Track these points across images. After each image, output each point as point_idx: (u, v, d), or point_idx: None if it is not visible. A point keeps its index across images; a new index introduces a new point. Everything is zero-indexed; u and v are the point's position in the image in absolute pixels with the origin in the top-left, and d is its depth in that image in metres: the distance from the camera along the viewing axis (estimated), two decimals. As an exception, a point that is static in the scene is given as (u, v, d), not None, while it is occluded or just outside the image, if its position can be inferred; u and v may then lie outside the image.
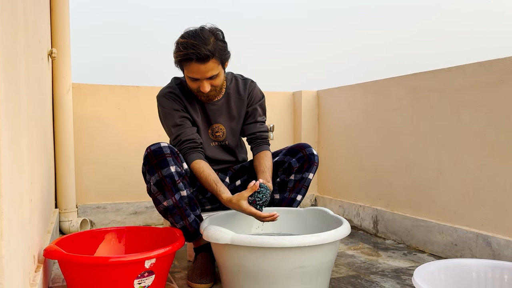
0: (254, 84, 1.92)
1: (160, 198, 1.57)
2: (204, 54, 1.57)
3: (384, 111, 2.42)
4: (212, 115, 1.83)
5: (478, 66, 1.87)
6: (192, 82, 1.68)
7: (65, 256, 1.31)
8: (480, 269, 1.33)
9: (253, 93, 1.89)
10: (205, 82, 1.65)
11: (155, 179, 1.54)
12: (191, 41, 1.59)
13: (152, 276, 1.38)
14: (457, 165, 1.96)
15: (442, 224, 2.02)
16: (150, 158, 1.55)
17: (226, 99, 1.84)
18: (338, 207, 2.81)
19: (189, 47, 1.58)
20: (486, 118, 1.83)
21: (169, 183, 1.53)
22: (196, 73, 1.63)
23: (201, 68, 1.61)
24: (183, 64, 1.64)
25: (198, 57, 1.57)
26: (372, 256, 2.02)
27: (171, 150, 1.56)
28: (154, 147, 1.56)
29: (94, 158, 2.61)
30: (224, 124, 1.85)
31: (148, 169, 1.56)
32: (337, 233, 1.39)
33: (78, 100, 2.56)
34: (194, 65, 1.60)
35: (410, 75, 2.23)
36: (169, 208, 1.57)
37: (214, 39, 1.62)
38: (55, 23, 2.34)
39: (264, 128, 1.90)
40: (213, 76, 1.65)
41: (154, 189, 1.56)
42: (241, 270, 1.38)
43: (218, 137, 1.85)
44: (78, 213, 2.57)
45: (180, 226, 1.62)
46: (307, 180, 1.81)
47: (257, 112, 1.90)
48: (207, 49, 1.58)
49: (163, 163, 1.53)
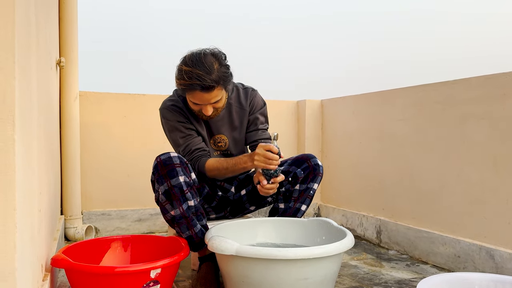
0: (255, 92, 1.94)
1: (167, 208, 1.59)
2: (209, 84, 1.59)
3: (388, 122, 2.43)
4: (214, 126, 1.86)
5: (483, 79, 1.88)
6: (195, 106, 1.72)
7: (72, 265, 1.33)
8: (483, 283, 1.34)
9: (254, 101, 1.91)
10: (208, 106, 1.69)
11: (163, 189, 1.57)
12: (196, 70, 1.59)
13: (157, 285, 1.39)
14: (461, 177, 1.97)
15: (445, 236, 2.02)
16: (159, 167, 1.57)
17: (227, 110, 1.86)
18: (341, 216, 2.82)
19: (194, 78, 1.59)
20: (490, 131, 1.84)
21: (177, 193, 1.56)
22: (200, 100, 1.66)
23: (205, 97, 1.64)
24: (187, 91, 1.66)
25: (203, 87, 1.60)
26: (375, 267, 2.03)
27: (180, 160, 1.59)
28: (164, 157, 1.58)
29: (99, 165, 2.64)
30: (226, 134, 1.89)
31: (157, 179, 1.59)
32: (341, 245, 1.41)
33: (84, 108, 2.59)
34: (199, 93, 1.63)
35: (415, 87, 2.25)
36: (176, 217, 1.60)
37: (218, 65, 1.64)
38: (63, 32, 2.37)
39: (266, 136, 1.93)
40: (216, 101, 1.69)
41: (162, 198, 1.59)
42: (246, 281, 1.39)
43: (220, 147, 1.89)
44: (83, 220, 2.59)
45: (186, 236, 1.64)
46: (312, 190, 1.83)
47: (259, 120, 1.92)
48: (211, 79, 1.60)
49: (172, 173, 1.56)
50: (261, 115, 1.93)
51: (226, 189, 1.96)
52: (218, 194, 1.92)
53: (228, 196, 1.94)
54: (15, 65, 0.76)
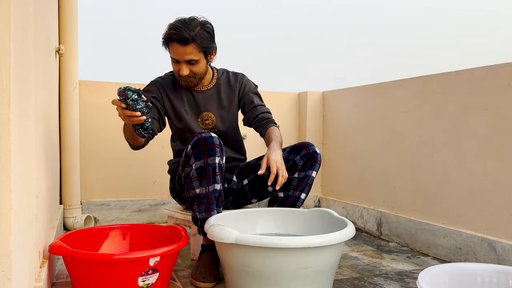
0: (244, 76, 2.01)
1: (195, 184, 1.62)
2: (185, 37, 1.70)
3: (390, 113, 2.41)
4: (202, 104, 1.91)
5: (485, 70, 1.86)
6: (174, 65, 1.80)
7: (70, 252, 1.32)
8: (485, 273, 1.33)
9: (244, 83, 1.98)
10: (184, 65, 1.77)
11: (199, 164, 1.60)
12: (177, 24, 1.73)
13: (156, 274, 1.38)
14: (463, 168, 1.95)
15: (446, 228, 2.01)
16: (200, 143, 1.60)
17: (216, 89, 1.94)
18: (342, 209, 2.80)
19: (172, 28, 1.72)
20: (493, 122, 1.82)
21: (210, 173, 1.59)
22: (176, 54, 1.75)
23: (180, 50, 1.73)
24: (167, 44, 1.76)
25: (179, 38, 1.70)
26: (375, 259, 2.02)
27: (219, 142, 1.63)
28: (205, 135, 1.62)
29: (99, 154, 2.62)
30: (213, 112, 1.93)
31: (195, 153, 1.61)
32: (341, 235, 1.39)
33: (84, 96, 2.57)
34: (175, 46, 1.73)
35: (417, 78, 2.23)
36: (200, 196, 1.62)
37: (199, 28, 1.75)
38: (63, 19, 2.35)
39: (266, 110, 1.96)
40: (191, 60, 1.76)
41: (194, 173, 1.61)
42: (245, 269, 1.38)
43: (207, 124, 1.93)
44: (83, 210, 2.58)
45: (201, 217, 1.65)
46: (310, 178, 1.83)
47: (254, 98, 1.97)
48: (188, 33, 1.71)
49: (212, 152, 1.59)
50: (254, 95, 1.98)
51: (229, 179, 1.95)
52: (224, 185, 1.91)
53: (231, 186, 1.94)
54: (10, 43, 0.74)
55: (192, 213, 1.71)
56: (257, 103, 1.96)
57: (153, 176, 2.72)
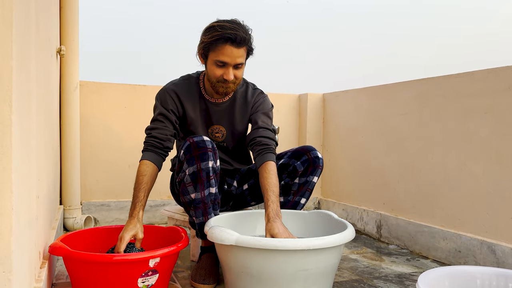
0: (263, 95, 1.87)
1: (190, 189, 1.58)
2: (242, 37, 1.58)
3: (390, 116, 2.41)
4: (215, 116, 1.81)
5: (486, 73, 1.86)
6: (218, 69, 1.64)
7: (70, 253, 1.32)
8: (484, 276, 1.33)
9: (259, 101, 1.84)
10: (231, 69, 1.64)
11: (192, 170, 1.56)
12: (228, 24, 1.60)
13: (156, 275, 1.38)
14: (463, 171, 1.95)
15: (446, 230, 2.01)
16: (192, 148, 1.56)
17: (231, 102, 1.82)
18: (341, 211, 2.80)
19: (227, 28, 1.58)
20: (493, 125, 1.82)
21: (203, 177, 1.56)
22: (228, 57, 1.61)
23: (234, 52, 1.60)
24: (216, 45, 1.61)
25: (235, 39, 1.57)
26: (375, 261, 2.02)
27: (212, 145, 1.59)
28: (197, 139, 1.57)
29: (99, 155, 2.62)
30: (225, 126, 1.84)
31: (188, 159, 1.57)
32: (341, 237, 1.39)
33: (84, 97, 2.57)
34: (228, 47, 1.59)
35: (418, 80, 2.23)
36: (195, 201, 1.59)
37: (246, 30, 1.64)
38: (64, 20, 2.35)
39: (268, 134, 1.75)
40: (239, 64, 1.64)
41: (188, 179, 1.58)
42: (245, 271, 1.38)
43: (217, 137, 1.85)
44: (83, 210, 2.58)
45: (199, 221, 1.63)
46: (311, 183, 1.81)
47: (260, 118, 1.80)
48: (245, 34, 1.60)
49: (204, 157, 1.55)
50: (263, 115, 1.81)
51: (229, 183, 1.94)
52: (224, 187, 1.91)
53: (231, 190, 1.93)
54: (12, 45, 0.75)
55: (189, 218, 1.70)
56: (261, 124, 1.77)
57: (153, 177, 2.72)
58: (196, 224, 1.65)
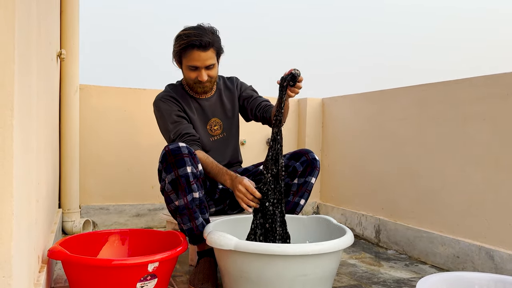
0: (238, 78, 2.09)
1: (172, 197, 1.60)
2: (206, 41, 1.74)
3: (389, 121, 2.42)
4: (209, 111, 1.95)
5: (485, 79, 1.87)
6: (191, 72, 1.82)
7: (69, 257, 1.32)
8: (482, 282, 1.33)
9: (240, 84, 2.06)
10: (203, 71, 1.81)
11: (170, 178, 1.58)
12: (193, 31, 1.77)
13: (154, 279, 1.38)
14: (462, 177, 1.96)
15: (444, 236, 2.01)
16: (168, 156, 1.59)
17: (218, 94, 1.99)
18: (340, 215, 2.81)
19: (192, 36, 1.75)
20: (492, 131, 1.83)
21: (183, 183, 1.57)
22: (197, 61, 1.78)
23: (202, 56, 1.77)
24: (185, 52, 1.78)
25: (200, 44, 1.74)
26: (373, 266, 2.02)
27: (188, 150, 1.61)
28: (172, 146, 1.60)
29: (98, 159, 2.62)
30: (220, 117, 1.97)
31: (165, 167, 1.60)
32: (340, 242, 1.40)
33: (84, 101, 2.57)
34: (196, 53, 1.76)
35: (418, 86, 2.24)
36: (180, 208, 1.60)
37: (211, 33, 1.81)
38: (64, 24, 2.36)
39: (266, 100, 2.01)
40: (210, 65, 1.81)
41: (168, 187, 1.60)
42: (244, 276, 1.38)
43: (216, 130, 1.96)
44: (81, 214, 2.57)
45: (187, 227, 1.64)
46: (310, 184, 1.86)
47: (252, 93, 2.04)
48: (208, 37, 1.76)
49: (180, 163, 1.57)
50: (251, 91, 2.05)
51: None
52: (219, 187, 1.93)
53: (228, 189, 1.94)
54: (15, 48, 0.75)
55: (178, 225, 1.71)
56: (256, 96, 2.03)
57: (152, 180, 2.72)
58: (185, 230, 1.66)
